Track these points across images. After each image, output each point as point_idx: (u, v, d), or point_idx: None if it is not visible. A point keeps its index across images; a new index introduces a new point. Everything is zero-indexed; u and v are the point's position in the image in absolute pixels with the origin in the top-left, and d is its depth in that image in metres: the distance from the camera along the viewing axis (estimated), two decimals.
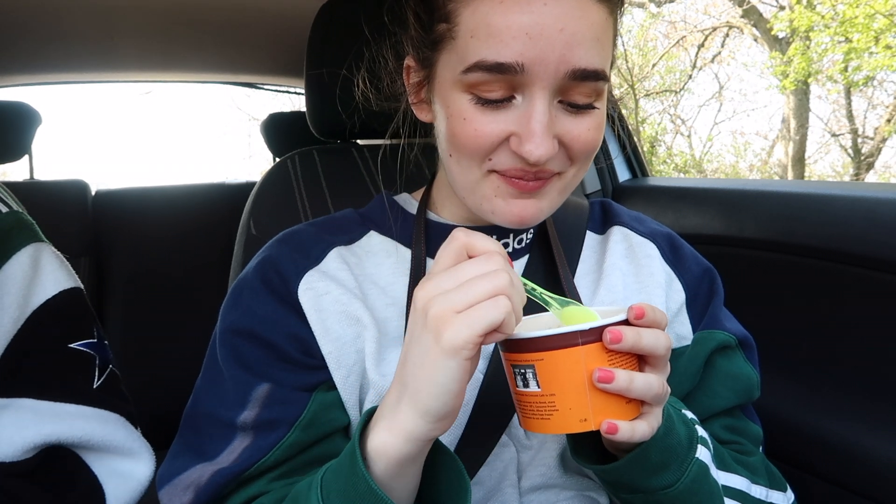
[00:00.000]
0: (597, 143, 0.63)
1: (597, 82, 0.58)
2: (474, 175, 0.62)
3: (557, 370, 0.51)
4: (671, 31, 10.48)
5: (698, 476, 0.59)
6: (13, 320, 0.62)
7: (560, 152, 0.61)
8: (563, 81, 0.57)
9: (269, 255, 0.71)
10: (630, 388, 0.50)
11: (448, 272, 0.49)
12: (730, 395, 0.74)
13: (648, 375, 0.51)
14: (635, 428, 0.51)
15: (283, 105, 8.10)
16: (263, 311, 0.67)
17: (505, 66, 0.56)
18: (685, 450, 0.59)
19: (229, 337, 0.67)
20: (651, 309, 0.52)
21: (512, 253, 0.73)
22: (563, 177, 0.64)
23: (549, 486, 0.70)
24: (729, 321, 0.77)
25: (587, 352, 0.50)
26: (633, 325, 0.51)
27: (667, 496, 0.58)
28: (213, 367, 0.68)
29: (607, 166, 1.44)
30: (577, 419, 0.51)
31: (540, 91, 0.57)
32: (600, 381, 0.49)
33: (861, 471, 0.85)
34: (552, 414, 0.51)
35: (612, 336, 0.50)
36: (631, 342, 0.50)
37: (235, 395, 0.64)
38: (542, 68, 0.56)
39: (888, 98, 9.08)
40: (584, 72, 0.57)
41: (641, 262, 0.76)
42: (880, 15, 6.78)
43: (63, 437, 0.62)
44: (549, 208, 0.65)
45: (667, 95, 10.83)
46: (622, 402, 0.51)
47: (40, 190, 1.81)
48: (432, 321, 0.48)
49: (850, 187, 0.98)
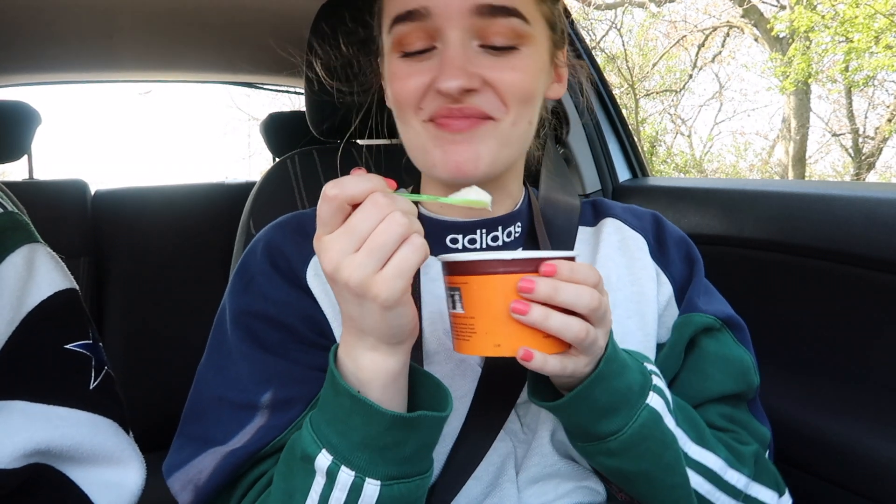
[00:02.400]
0: (525, 87, 0.64)
1: (509, 19, 0.61)
2: (414, 129, 0.66)
3: (479, 295, 0.53)
4: (671, 31, 10.48)
5: (648, 422, 0.60)
6: (7, 322, 0.62)
7: (489, 94, 0.63)
8: (473, 20, 0.61)
9: (271, 238, 0.72)
10: (545, 323, 0.51)
11: (343, 233, 0.49)
12: (723, 378, 0.72)
13: (568, 317, 0.52)
14: (547, 360, 0.53)
15: (283, 105, 8.11)
16: (277, 295, 0.68)
17: (413, 13, 0.61)
18: (636, 396, 0.60)
19: (245, 319, 0.68)
20: (569, 267, 0.53)
21: (501, 246, 0.74)
22: (499, 124, 0.64)
23: (548, 478, 0.70)
24: (710, 303, 0.76)
25: (505, 281, 0.52)
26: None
27: (617, 442, 0.59)
28: (220, 352, 0.69)
29: (607, 166, 1.44)
30: (492, 344, 0.53)
31: (453, 32, 0.61)
32: (514, 312, 0.52)
33: (861, 471, 0.85)
34: (471, 336, 0.54)
35: (524, 286, 0.51)
36: (544, 294, 0.51)
37: (251, 377, 0.65)
38: (448, 9, 0.60)
39: (889, 98, 9.09)
40: (490, 7, 0.60)
41: (635, 254, 0.77)
42: (881, 15, 6.78)
43: (53, 444, 0.61)
44: (489, 156, 0.65)
45: (667, 95, 10.83)
46: (539, 336, 0.53)
47: (40, 190, 1.81)
48: (358, 289, 0.49)
49: (850, 187, 0.98)
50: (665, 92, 10.77)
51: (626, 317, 0.73)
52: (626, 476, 0.63)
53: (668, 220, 0.83)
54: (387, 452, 0.53)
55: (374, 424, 0.52)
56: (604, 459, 0.62)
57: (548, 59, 0.69)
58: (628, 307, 0.74)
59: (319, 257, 0.51)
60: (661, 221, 0.82)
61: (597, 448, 0.61)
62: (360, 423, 0.53)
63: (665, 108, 11.05)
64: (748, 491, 0.69)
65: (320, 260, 0.51)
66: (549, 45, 0.69)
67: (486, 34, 0.62)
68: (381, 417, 0.52)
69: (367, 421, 0.52)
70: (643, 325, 0.73)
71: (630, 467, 0.62)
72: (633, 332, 0.73)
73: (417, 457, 0.55)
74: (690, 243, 0.81)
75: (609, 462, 0.62)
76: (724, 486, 0.68)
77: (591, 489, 0.71)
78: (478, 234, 0.73)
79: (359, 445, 0.53)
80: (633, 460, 0.61)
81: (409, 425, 0.53)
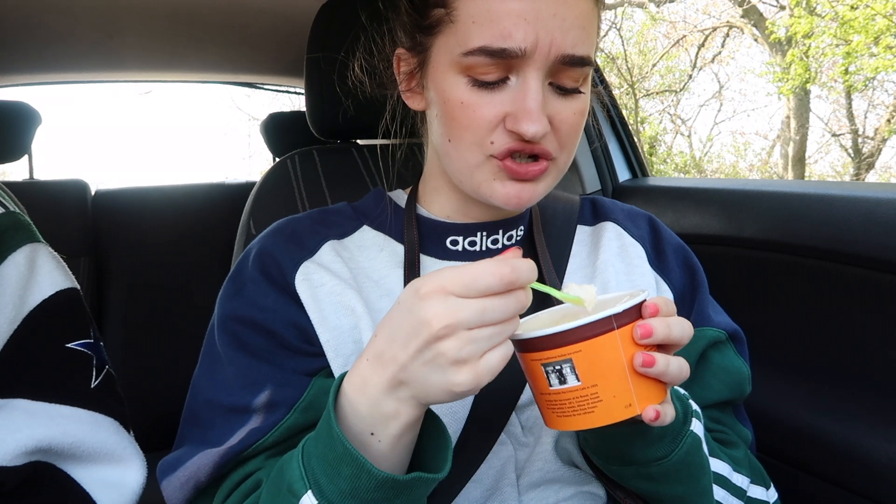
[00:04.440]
0: (581, 127, 0.67)
1: (583, 67, 0.62)
2: (475, 159, 0.64)
3: (598, 359, 0.49)
4: (671, 31, 10.48)
5: (692, 448, 0.60)
6: (9, 321, 0.62)
7: (551, 137, 0.64)
8: (554, 65, 0.61)
9: (264, 245, 0.72)
10: (667, 371, 0.51)
11: (478, 309, 0.47)
12: (722, 387, 0.75)
13: (678, 358, 0.52)
14: (667, 412, 0.52)
15: (283, 105, 8.11)
16: (264, 302, 0.68)
17: (508, 52, 0.60)
18: (680, 423, 0.60)
19: (231, 324, 0.68)
20: (665, 302, 0.53)
21: (500, 248, 0.74)
22: (557, 163, 0.67)
23: (549, 483, 0.70)
24: (717, 314, 0.78)
25: (622, 335, 0.50)
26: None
27: (660, 468, 0.59)
28: (211, 357, 0.69)
29: (607, 166, 1.44)
30: (623, 405, 0.50)
31: (534, 72, 0.61)
32: (643, 366, 0.50)
33: (861, 471, 0.85)
34: (596, 405, 0.50)
35: (643, 331, 0.50)
36: (662, 335, 0.50)
37: (237, 380, 0.66)
38: (538, 52, 0.60)
39: (888, 98, 9.09)
40: (572, 58, 0.61)
41: (634, 262, 0.77)
42: (880, 16, 6.78)
43: (55, 442, 0.61)
44: (545, 191, 0.68)
45: (667, 95, 10.83)
46: (657, 386, 0.52)
47: (40, 190, 1.81)
48: (444, 358, 0.47)
49: (850, 187, 0.98)
50: (665, 92, 10.77)
51: None
52: (658, 497, 0.64)
53: (667, 220, 0.83)
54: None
55: (363, 479, 0.50)
56: (640, 483, 0.62)
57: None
58: None
59: (431, 308, 0.47)
60: (658, 227, 0.82)
61: (635, 472, 0.61)
62: (350, 474, 0.50)
63: (665, 109, 11.05)
64: (749, 491, 0.71)
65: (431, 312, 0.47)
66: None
67: (560, 77, 0.63)
68: (371, 477, 0.50)
69: (357, 474, 0.50)
70: None
71: (668, 491, 0.62)
72: None
73: None
74: (688, 250, 0.81)
75: (645, 486, 0.62)
76: (734, 489, 0.69)
77: (593, 494, 0.71)
78: (478, 237, 0.73)
79: (347, 494, 0.51)
80: (671, 484, 0.61)
81: (399, 487, 0.51)
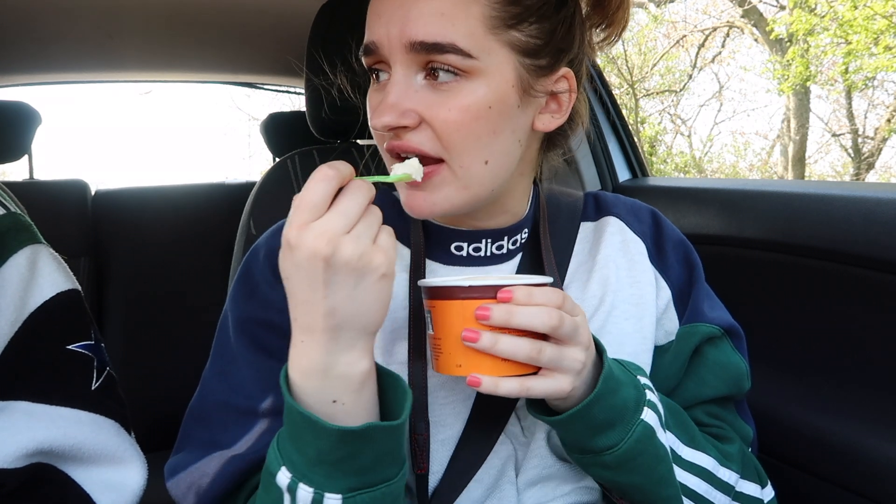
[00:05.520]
0: (472, 127, 0.61)
1: (443, 55, 0.59)
2: (386, 158, 0.67)
3: (443, 319, 0.57)
4: (671, 31, 10.48)
5: (642, 437, 0.61)
6: (10, 322, 0.62)
7: (427, 132, 0.62)
8: (410, 55, 0.61)
9: (272, 245, 0.72)
10: (494, 348, 0.54)
11: (337, 214, 0.51)
12: (718, 383, 0.75)
13: (517, 339, 0.55)
14: (499, 384, 0.55)
15: (283, 105, 8.11)
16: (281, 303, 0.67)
17: (367, 47, 0.64)
18: (631, 412, 0.61)
19: (248, 326, 0.68)
20: (526, 293, 0.55)
21: (505, 254, 0.74)
22: (451, 168, 0.62)
23: (547, 480, 0.71)
24: (713, 310, 0.78)
25: (464, 307, 0.56)
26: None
27: (612, 456, 0.61)
28: (223, 358, 0.69)
29: (607, 166, 1.44)
30: (454, 364, 0.57)
31: (396, 66, 0.62)
32: (465, 340, 0.55)
33: (861, 471, 0.85)
34: (439, 356, 0.59)
35: (480, 314, 0.55)
36: (500, 320, 0.54)
37: (256, 382, 0.65)
38: (389, 43, 0.61)
39: (888, 98, 9.09)
40: (423, 44, 0.59)
41: (635, 257, 0.77)
42: (879, 16, 6.78)
43: (56, 444, 0.61)
44: (446, 202, 0.64)
45: (667, 95, 10.83)
46: (497, 359, 0.56)
47: (40, 190, 1.81)
48: (361, 261, 0.50)
49: (850, 187, 0.98)
50: (665, 92, 10.77)
51: (623, 319, 0.74)
52: (621, 487, 0.65)
53: (667, 219, 0.83)
54: (342, 465, 0.52)
55: (323, 439, 0.52)
56: (599, 471, 0.64)
57: (516, 92, 0.63)
58: (627, 309, 0.74)
59: (308, 243, 0.50)
60: (661, 222, 0.82)
61: (592, 461, 0.63)
62: (311, 438, 0.52)
63: (665, 109, 11.05)
64: (738, 487, 0.72)
65: (310, 246, 0.50)
66: (519, 75, 0.63)
67: (431, 68, 0.61)
68: (329, 432, 0.51)
69: (317, 436, 0.52)
70: (641, 328, 0.74)
71: (625, 480, 0.63)
72: (630, 334, 0.73)
73: (378, 465, 0.54)
74: (689, 246, 0.81)
75: (604, 474, 0.64)
76: (718, 483, 0.70)
77: (590, 488, 0.73)
78: (483, 243, 0.73)
79: (314, 461, 0.52)
80: (627, 473, 0.62)
81: (359, 438, 0.52)
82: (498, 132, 0.63)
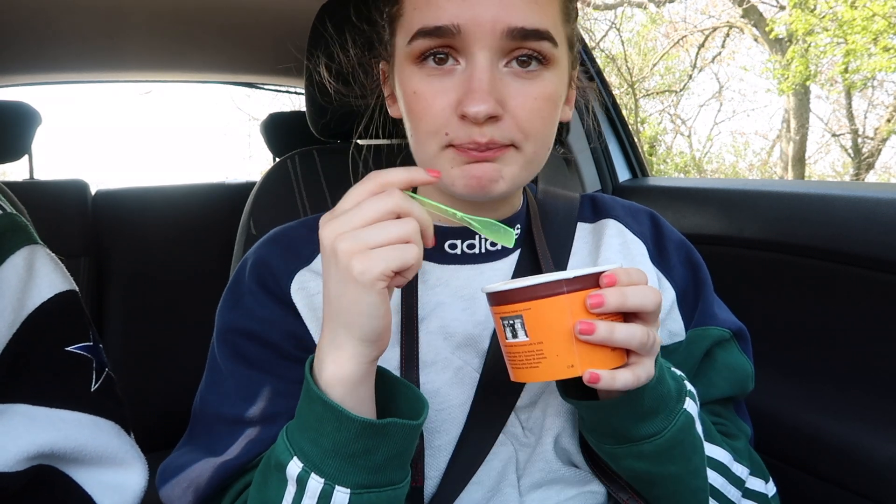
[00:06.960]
0: (546, 115, 0.63)
1: (538, 42, 0.60)
2: (432, 149, 0.63)
3: (543, 319, 0.53)
4: (671, 31, 10.48)
5: (684, 426, 0.61)
6: (8, 324, 0.62)
7: (508, 121, 0.61)
8: (501, 41, 0.59)
9: (259, 255, 0.72)
10: (612, 338, 0.52)
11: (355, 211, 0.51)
12: (725, 385, 0.75)
13: (631, 325, 0.53)
14: (616, 376, 0.53)
15: (283, 105, 8.10)
16: (262, 313, 0.68)
17: (442, 30, 0.59)
18: (674, 400, 0.60)
19: (230, 336, 0.69)
20: (625, 272, 0.54)
21: (500, 250, 0.74)
22: (523, 152, 0.63)
23: (550, 484, 0.70)
24: (722, 312, 0.78)
25: (571, 300, 0.52)
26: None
27: (652, 445, 0.60)
28: (214, 368, 0.70)
29: (607, 166, 1.44)
30: (565, 365, 0.53)
31: (480, 52, 0.59)
32: (581, 333, 0.52)
33: (861, 471, 0.85)
34: (540, 362, 0.54)
35: (594, 301, 0.52)
36: (615, 304, 0.52)
37: (238, 392, 0.66)
38: (478, 28, 0.58)
39: (888, 98, 9.09)
40: (523, 30, 0.59)
41: (636, 259, 0.77)
42: (879, 16, 6.78)
43: (57, 447, 0.61)
44: (511, 177, 0.63)
45: (667, 95, 10.83)
46: (607, 351, 0.53)
47: (40, 190, 1.81)
48: (343, 256, 0.50)
49: (850, 187, 0.98)
50: (665, 92, 10.77)
51: None
52: (650, 479, 0.63)
53: (667, 220, 0.83)
54: (357, 460, 0.53)
55: (343, 431, 0.52)
56: (632, 462, 0.62)
57: (567, 82, 0.68)
58: None
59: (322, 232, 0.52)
60: (659, 223, 0.81)
61: (628, 451, 0.61)
62: (331, 429, 0.52)
63: (665, 109, 11.05)
64: (748, 482, 0.72)
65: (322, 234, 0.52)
66: (569, 66, 0.67)
67: (515, 55, 0.60)
68: (351, 423, 0.52)
69: (338, 427, 0.52)
70: None
71: (658, 470, 0.62)
72: None
73: (390, 466, 0.54)
74: (690, 246, 0.81)
75: (637, 465, 0.62)
76: (732, 478, 0.70)
77: (594, 493, 0.72)
78: (477, 239, 0.73)
79: (329, 452, 0.53)
80: (663, 463, 0.61)
81: (379, 433, 0.53)
82: (556, 120, 0.66)
